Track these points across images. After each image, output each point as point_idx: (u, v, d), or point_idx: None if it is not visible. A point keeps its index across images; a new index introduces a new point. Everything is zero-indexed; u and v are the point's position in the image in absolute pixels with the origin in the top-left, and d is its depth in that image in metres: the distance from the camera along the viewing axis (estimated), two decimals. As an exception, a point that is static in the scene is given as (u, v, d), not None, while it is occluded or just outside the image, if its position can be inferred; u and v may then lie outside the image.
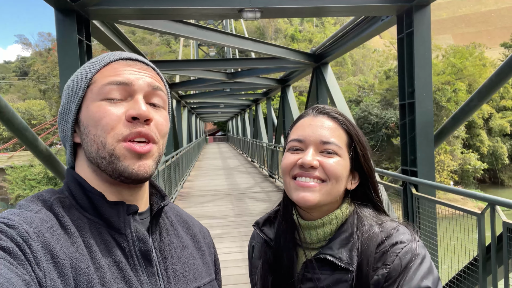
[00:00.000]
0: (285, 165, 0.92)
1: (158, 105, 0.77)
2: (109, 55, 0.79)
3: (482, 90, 4.16)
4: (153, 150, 0.73)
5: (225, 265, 4.75)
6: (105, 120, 0.71)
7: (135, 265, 0.72)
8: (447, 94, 26.52)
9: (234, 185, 11.77)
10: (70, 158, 0.79)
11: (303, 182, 0.89)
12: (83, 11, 4.06)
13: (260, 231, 1.03)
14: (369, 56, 53.18)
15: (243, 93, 18.55)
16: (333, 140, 0.89)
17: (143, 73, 0.76)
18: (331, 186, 0.89)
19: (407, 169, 4.57)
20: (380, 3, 4.56)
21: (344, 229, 0.91)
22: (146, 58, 0.88)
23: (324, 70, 7.96)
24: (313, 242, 0.94)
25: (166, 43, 72.51)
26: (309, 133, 0.91)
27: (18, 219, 0.61)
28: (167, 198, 0.85)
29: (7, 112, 3.43)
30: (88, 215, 0.72)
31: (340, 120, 0.93)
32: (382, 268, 0.82)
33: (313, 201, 0.88)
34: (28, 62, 65.72)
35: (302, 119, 0.96)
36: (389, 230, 0.87)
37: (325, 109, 0.95)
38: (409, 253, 0.83)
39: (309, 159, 0.87)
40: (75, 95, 0.75)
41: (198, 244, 0.91)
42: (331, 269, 0.88)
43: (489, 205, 2.95)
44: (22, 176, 28.47)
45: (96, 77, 0.75)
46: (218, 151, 30.89)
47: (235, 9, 4.59)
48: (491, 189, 28.05)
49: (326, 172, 0.88)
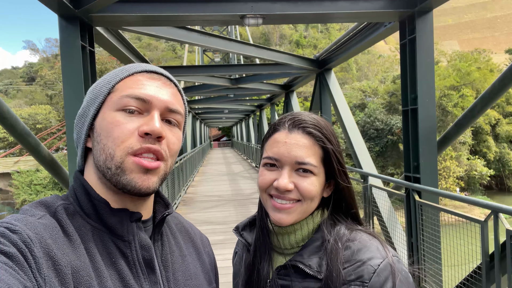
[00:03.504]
0: (261, 183, 0.93)
1: (173, 123, 0.78)
2: (135, 65, 0.79)
3: (485, 96, 4.13)
4: (160, 167, 0.74)
5: (227, 271, 4.73)
6: (117, 132, 0.71)
7: (138, 273, 0.72)
8: (453, 99, 26.39)
9: (238, 191, 11.75)
10: (80, 161, 0.79)
11: (279, 204, 0.90)
12: (86, 18, 4.10)
13: (239, 236, 1.05)
14: (374, 62, 53.18)
15: (247, 98, 18.57)
16: (308, 160, 0.89)
17: (165, 90, 0.77)
18: (306, 206, 0.91)
19: (410, 176, 4.53)
20: (382, 9, 4.55)
21: (317, 237, 0.92)
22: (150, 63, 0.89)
23: (328, 75, 7.96)
24: (286, 248, 0.95)
25: (172, 49, 73.03)
26: (284, 153, 0.89)
27: (21, 224, 0.61)
28: (171, 206, 0.86)
29: (10, 118, 3.47)
30: (91, 222, 0.72)
31: (316, 136, 0.90)
32: (358, 284, 0.80)
33: (288, 222, 0.90)
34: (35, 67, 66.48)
35: (277, 133, 0.93)
36: (362, 242, 0.87)
37: (300, 122, 0.92)
38: (386, 269, 0.81)
39: (283, 183, 0.88)
40: (95, 100, 0.76)
41: (198, 253, 0.91)
42: (301, 277, 0.88)
43: (492, 213, 2.91)
44: (28, 181, 28.68)
45: (119, 85, 0.75)
46: (222, 156, 30.91)
47: (237, 16, 4.61)
48: (498, 196, 27.77)
49: (301, 194, 0.89)
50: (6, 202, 32.21)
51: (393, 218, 4.94)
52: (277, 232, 0.96)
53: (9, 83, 66.80)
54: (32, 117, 36.63)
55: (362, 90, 34.28)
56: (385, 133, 28.61)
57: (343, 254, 0.85)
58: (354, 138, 6.78)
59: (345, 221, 0.94)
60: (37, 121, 36.91)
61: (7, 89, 63.09)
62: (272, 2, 4.59)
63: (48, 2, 3.65)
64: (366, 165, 6.29)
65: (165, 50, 72.30)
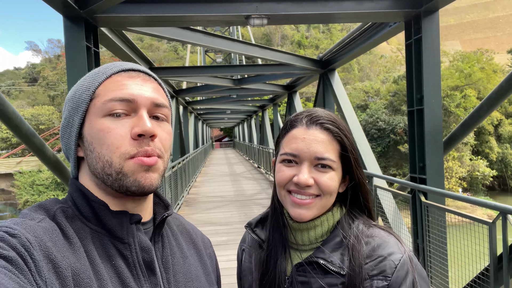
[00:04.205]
0: (280, 179, 0.93)
1: (161, 118, 0.77)
2: (111, 66, 0.78)
3: (492, 97, 4.10)
4: (158, 163, 0.74)
5: (231, 272, 4.72)
6: (109, 139, 0.71)
7: (138, 275, 0.72)
8: (456, 100, 26.32)
9: (240, 191, 11.74)
10: (74, 171, 0.79)
11: (299, 200, 0.90)
12: (91, 19, 4.10)
13: (252, 232, 1.04)
14: (376, 62, 53.12)
15: (249, 99, 18.59)
16: (327, 156, 0.90)
17: (146, 86, 0.76)
18: (325, 201, 0.91)
19: (416, 177, 4.51)
20: (388, 9, 4.53)
21: (336, 233, 0.93)
22: (152, 64, 0.88)
23: (331, 76, 7.94)
24: (304, 244, 0.95)
25: (173, 49, 73.12)
26: (303, 148, 0.90)
27: (20, 228, 0.61)
28: (171, 208, 0.85)
29: (15, 119, 3.46)
30: (91, 225, 0.71)
31: (333, 132, 0.92)
32: (381, 279, 0.84)
33: (308, 217, 0.91)
34: (38, 68, 66.63)
35: (294, 129, 0.94)
36: (382, 238, 0.89)
37: (318, 118, 0.93)
38: (407, 264, 0.85)
39: (304, 178, 0.88)
40: (78, 109, 0.74)
41: (200, 255, 0.91)
42: (322, 273, 0.88)
43: (500, 214, 2.89)
44: (31, 181, 28.72)
45: (99, 90, 0.74)
46: (224, 157, 30.91)
47: (242, 16, 4.61)
48: (501, 196, 27.68)
49: (320, 189, 0.90)
50: (8, 202, 32.27)
51: (399, 219, 4.91)
52: (296, 228, 0.96)
53: (12, 84, 66.99)
54: (35, 118, 36.73)
55: (364, 91, 34.22)
56: (387, 133, 28.55)
57: (368, 247, 0.87)
58: (358, 138, 6.76)
59: (362, 217, 0.96)
60: (40, 121, 37.00)
61: (9, 90, 63.25)
62: (277, 2, 4.58)
63: (53, 3, 3.65)
64: (371, 166, 6.27)
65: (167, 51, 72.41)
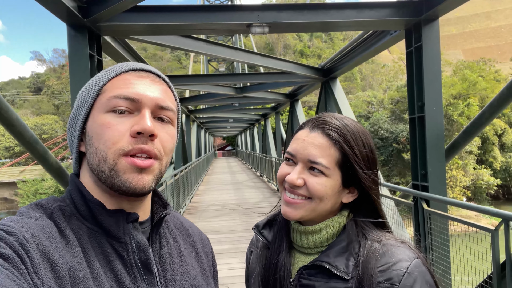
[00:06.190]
0: (278, 175, 0.97)
1: (166, 120, 0.77)
2: (122, 65, 0.78)
3: (493, 104, 4.10)
4: (154, 166, 0.73)
5: (233, 281, 4.70)
6: (108, 135, 0.70)
7: (135, 274, 0.71)
8: (459, 108, 26.27)
9: (242, 200, 11.71)
10: (75, 166, 0.79)
11: (289, 198, 0.92)
12: (94, 27, 4.15)
13: (259, 234, 1.05)
14: (379, 71, 53.26)
15: (252, 107, 18.65)
16: (320, 161, 0.89)
17: (154, 87, 0.76)
18: (315, 205, 0.91)
19: (418, 184, 4.49)
20: (388, 17, 4.56)
21: (342, 238, 0.92)
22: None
23: (333, 84, 7.96)
24: (309, 247, 0.95)
25: (177, 59, 73.63)
26: (300, 150, 0.92)
27: (17, 226, 0.61)
28: (169, 207, 0.85)
29: (18, 126, 3.49)
30: (88, 224, 0.71)
31: (333, 138, 0.90)
32: (388, 286, 0.82)
33: (294, 217, 0.92)
34: (42, 78, 67.20)
35: (300, 131, 0.96)
36: (391, 245, 0.88)
37: (323, 123, 0.93)
38: (415, 272, 0.83)
39: (291, 178, 0.90)
40: (85, 103, 0.75)
41: (197, 254, 0.91)
42: (327, 277, 0.88)
43: (503, 221, 2.87)
44: (33, 190, 28.77)
45: (107, 86, 0.75)
46: (227, 165, 30.90)
47: (243, 24, 4.64)
48: (505, 206, 27.43)
49: (309, 191, 0.90)
50: (11, 211, 32.30)
51: (401, 227, 4.88)
52: (301, 231, 0.96)
53: (16, 93, 67.54)
54: (38, 127, 36.92)
55: (368, 101, 34.21)
56: (390, 142, 28.48)
57: (377, 255, 0.86)
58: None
59: (372, 226, 0.94)
60: (43, 131, 37.19)
61: (14, 99, 63.76)
62: (278, 10, 4.62)
63: (57, 12, 3.69)
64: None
65: (170, 60, 72.93)
